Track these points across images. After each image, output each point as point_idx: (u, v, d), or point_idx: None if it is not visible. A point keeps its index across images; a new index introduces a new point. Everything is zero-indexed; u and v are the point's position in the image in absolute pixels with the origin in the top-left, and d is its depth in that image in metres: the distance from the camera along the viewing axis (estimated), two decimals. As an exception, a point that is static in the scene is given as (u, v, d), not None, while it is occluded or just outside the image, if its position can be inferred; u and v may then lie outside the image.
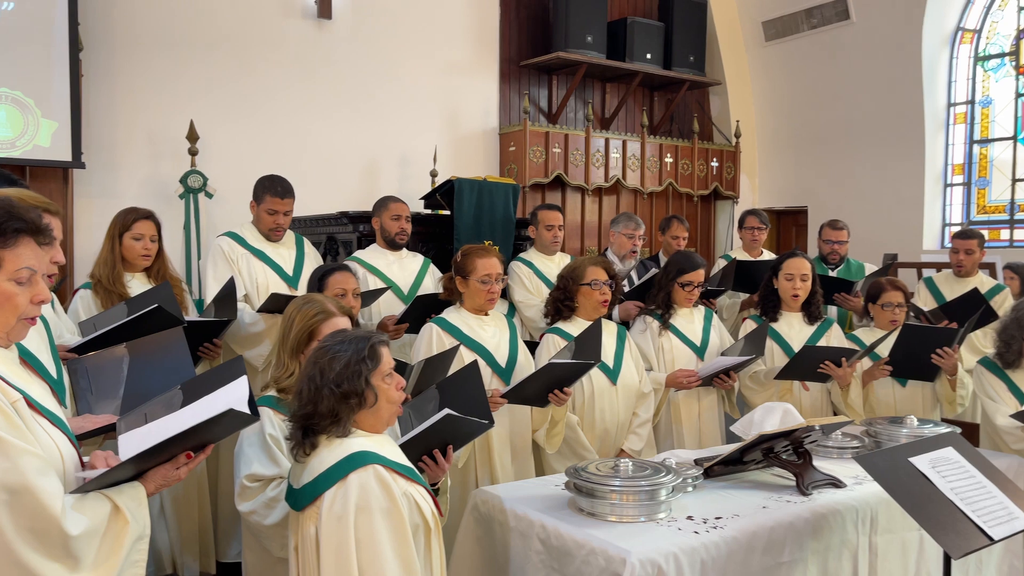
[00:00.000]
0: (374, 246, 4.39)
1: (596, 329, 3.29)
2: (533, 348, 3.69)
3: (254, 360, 3.70)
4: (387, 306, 4.10)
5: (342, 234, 5.04)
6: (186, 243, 5.59)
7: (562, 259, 4.72)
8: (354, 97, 6.51)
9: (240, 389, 1.82)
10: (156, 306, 2.89)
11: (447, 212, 5.33)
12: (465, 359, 3.21)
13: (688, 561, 2.18)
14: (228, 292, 3.53)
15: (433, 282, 4.30)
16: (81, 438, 2.14)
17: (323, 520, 1.89)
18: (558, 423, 3.34)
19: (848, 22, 7.71)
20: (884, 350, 3.77)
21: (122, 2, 5.63)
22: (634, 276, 4.72)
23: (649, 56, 7.70)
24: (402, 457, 2.04)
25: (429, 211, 5.55)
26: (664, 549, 2.16)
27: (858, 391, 3.77)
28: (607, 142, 7.53)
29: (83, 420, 2.30)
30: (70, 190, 5.43)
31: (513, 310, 4.56)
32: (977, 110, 7.45)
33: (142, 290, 3.46)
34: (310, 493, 1.94)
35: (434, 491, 2.34)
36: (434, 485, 2.34)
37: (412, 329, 3.81)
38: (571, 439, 3.44)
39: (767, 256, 5.47)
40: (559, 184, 7.34)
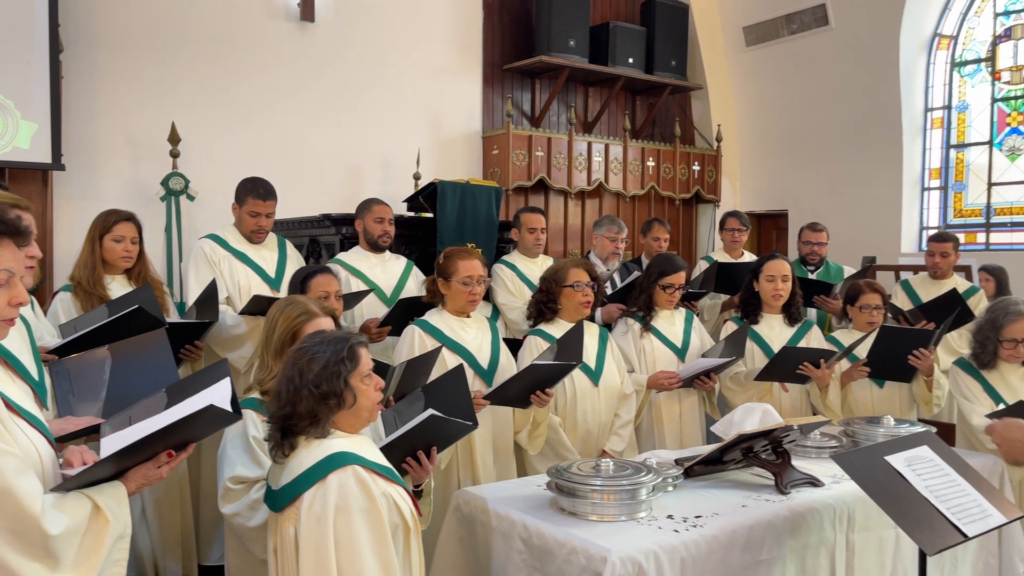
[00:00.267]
0: (357, 248, 4.39)
1: (578, 331, 3.32)
2: (515, 346, 3.71)
3: (236, 362, 3.69)
4: (370, 308, 4.11)
5: (325, 236, 5.04)
6: (167, 246, 5.56)
7: (545, 262, 4.74)
8: (337, 100, 6.50)
9: (223, 390, 1.83)
10: (137, 307, 2.88)
11: (430, 215, 5.34)
12: (447, 361, 3.23)
13: (668, 559, 2.20)
14: (210, 294, 3.53)
15: (416, 284, 4.31)
16: (62, 440, 2.12)
17: (302, 521, 1.89)
18: (540, 424, 3.36)
19: (827, 28, 7.80)
20: (862, 352, 3.82)
21: (103, 3, 5.59)
22: (616, 279, 4.74)
23: (631, 60, 7.75)
24: (381, 457, 2.05)
25: (412, 214, 5.55)
26: (644, 548, 2.18)
27: (836, 392, 3.81)
28: (590, 146, 7.56)
29: (64, 422, 2.29)
30: (49, 192, 5.39)
31: (497, 313, 4.57)
32: (954, 115, 7.56)
33: (122, 292, 3.45)
34: (289, 494, 1.94)
35: (418, 492, 2.35)
36: (418, 486, 2.35)
37: (395, 332, 3.82)
38: (553, 440, 3.46)
39: (748, 258, 5.52)
40: (542, 187, 7.37)
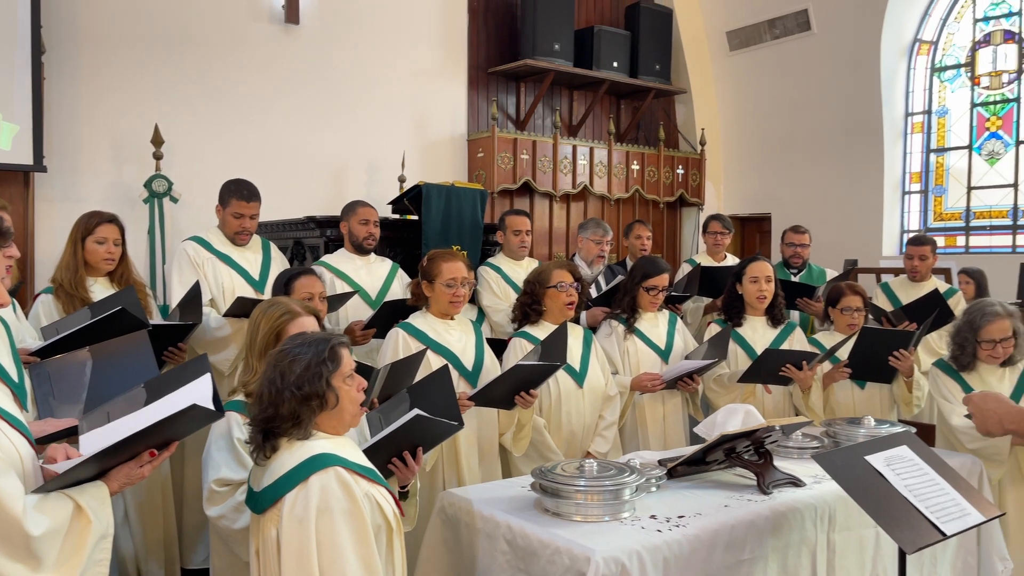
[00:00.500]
0: (342, 251, 4.39)
1: (562, 332, 3.33)
2: (499, 345, 3.72)
3: (220, 364, 3.68)
4: (355, 311, 4.10)
5: (309, 239, 5.03)
6: (151, 248, 5.53)
7: (530, 264, 4.75)
8: (322, 102, 6.50)
9: (204, 386, 1.82)
10: (120, 308, 2.87)
11: (415, 217, 5.35)
12: (432, 363, 3.23)
13: (651, 559, 2.21)
14: (193, 296, 3.51)
15: (401, 287, 4.31)
16: (42, 442, 2.11)
17: (284, 522, 1.88)
18: (525, 426, 3.37)
19: (809, 33, 7.88)
20: (844, 353, 3.86)
21: (86, 5, 5.57)
22: (601, 282, 4.77)
23: (616, 64, 7.79)
24: (363, 459, 2.04)
25: (397, 216, 5.55)
26: (628, 547, 2.19)
27: (819, 394, 3.84)
28: (574, 149, 7.59)
29: (44, 424, 2.28)
30: (31, 194, 5.35)
31: (482, 316, 4.58)
32: (934, 120, 7.65)
33: (104, 295, 3.43)
34: (271, 496, 1.93)
35: (404, 494, 2.35)
36: (404, 487, 2.35)
37: (380, 334, 3.81)
38: (538, 442, 3.47)
39: (731, 261, 5.56)
40: (527, 190, 7.39)
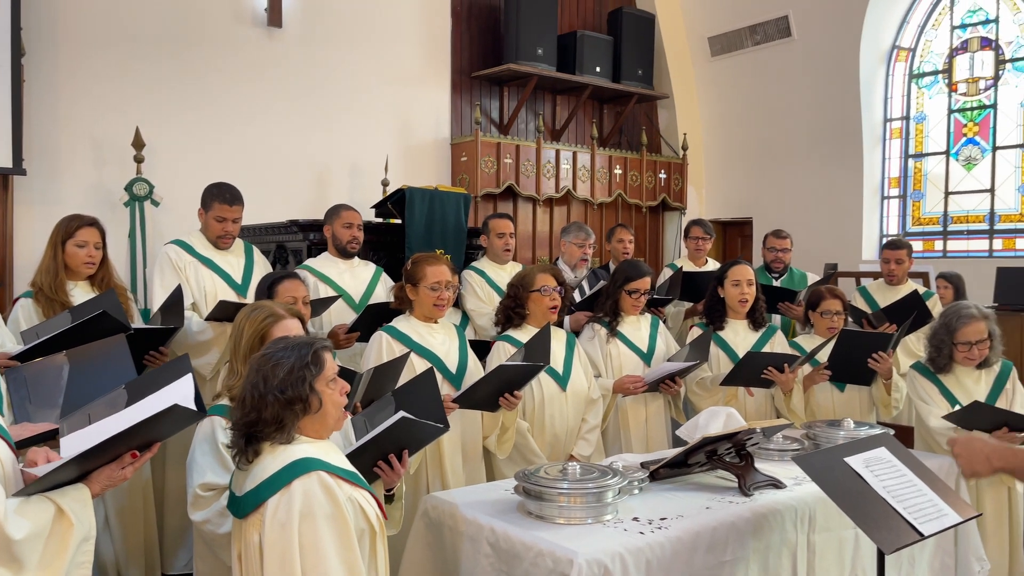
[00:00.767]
0: (325, 254, 4.38)
1: (545, 334, 3.35)
2: (483, 347, 3.73)
3: (202, 369, 3.67)
4: (338, 315, 4.09)
5: (292, 242, 5.01)
6: (131, 252, 5.50)
7: (514, 268, 4.77)
8: (305, 106, 6.49)
9: (186, 387, 1.81)
10: (101, 311, 2.85)
11: (398, 221, 5.35)
12: (415, 366, 3.23)
13: (634, 561, 2.23)
14: (175, 300, 3.50)
15: (385, 291, 4.31)
16: (20, 446, 2.10)
17: (266, 527, 1.88)
18: (509, 428, 3.38)
19: (790, 39, 7.95)
20: (824, 356, 3.89)
21: (66, 7, 5.53)
22: (585, 286, 4.79)
23: (598, 69, 7.83)
24: (346, 463, 2.04)
25: (380, 220, 5.55)
26: (611, 550, 2.21)
27: (800, 396, 3.88)
28: (558, 153, 7.62)
29: (21, 428, 2.26)
30: (10, 197, 5.30)
31: (466, 320, 4.59)
32: (912, 126, 7.74)
33: (85, 299, 3.41)
34: (253, 500, 1.93)
35: (389, 497, 2.36)
36: (389, 490, 2.35)
37: (363, 338, 3.81)
38: (521, 445, 3.48)
39: (712, 265, 5.60)
40: (510, 194, 7.41)
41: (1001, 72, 7.13)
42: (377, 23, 6.87)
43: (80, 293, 3.50)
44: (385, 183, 6.48)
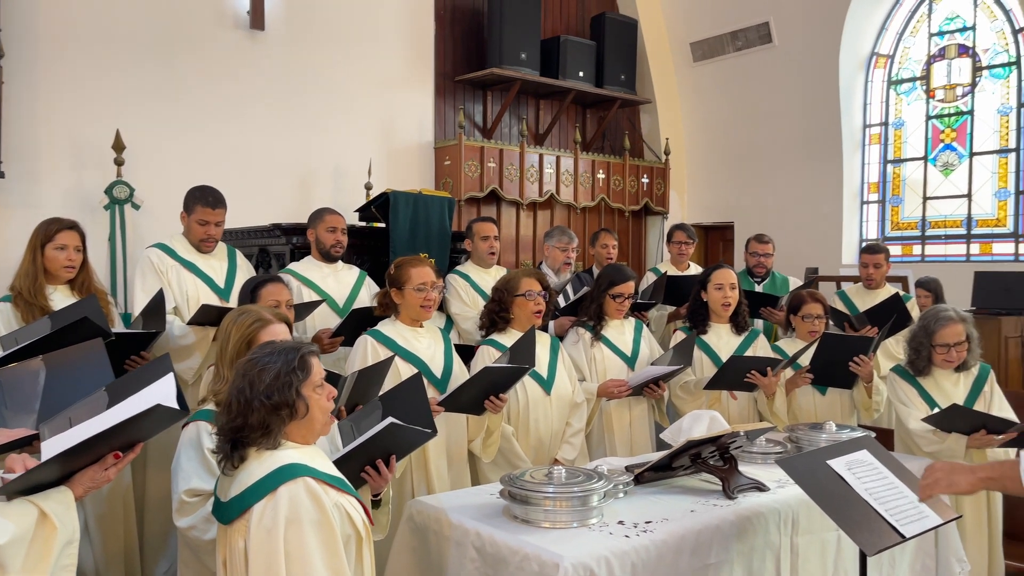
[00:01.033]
0: (309, 258, 4.36)
1: (530, 337, 3.36)
2: (467, 351, 3.73)
3: (184, 374, 3.64)
4: (322, 319, 4.08)
5: (275, 246, 4.99)
6: (111, 255, 5.45)
7: (498, 272, 4.76)
8: (287, 108, 6.45)
9: (167, 386, 1.79)
10: (83, 317, 2.82)
11: (382, 225, 5.33)
12: (400, 370, 3.23)
13: (619, 564, 2.24)
14: (156, 304, 3.47)
15: (369, 295, 4.30)
16: (-1, 452, 2.08)
17: (252, 533, 1.86)
18: (494, 432, 3.38)
19: (770, 45, 8.02)
20: (806, 360, 3.93)
21: (46, 8, 5.47)
22: (569, 291, 4.80)
23: (581, 74, 7.86)
24: (332, 468, 2.03)
25: (364, 224, 5.54)
26: (596, 553, 2.22)
27: (782, 399, 3.91)
28: (541, 158, 7.64)
29: (-3, 433, 2.23)
30: (-12, 200, 5.23)
31: (451, 324, 4.59)
32: (890, 131, 7.83)
33: (65, 303, 3.37)
34: (238, 506, 1.91)
35: (376, 502, 2.35)
36: (376, 496, 2.34)
37: (347, 342, 3.80)
38: (506, 449, 3.49)
39: (694, 270, 5.63)
40: (494, 198, 7.41)
41: (978, 79, 7.23)
42: (360, 26, 6.86)
43: (60, 297, 3.46)
44: (368, 187, 6.46)
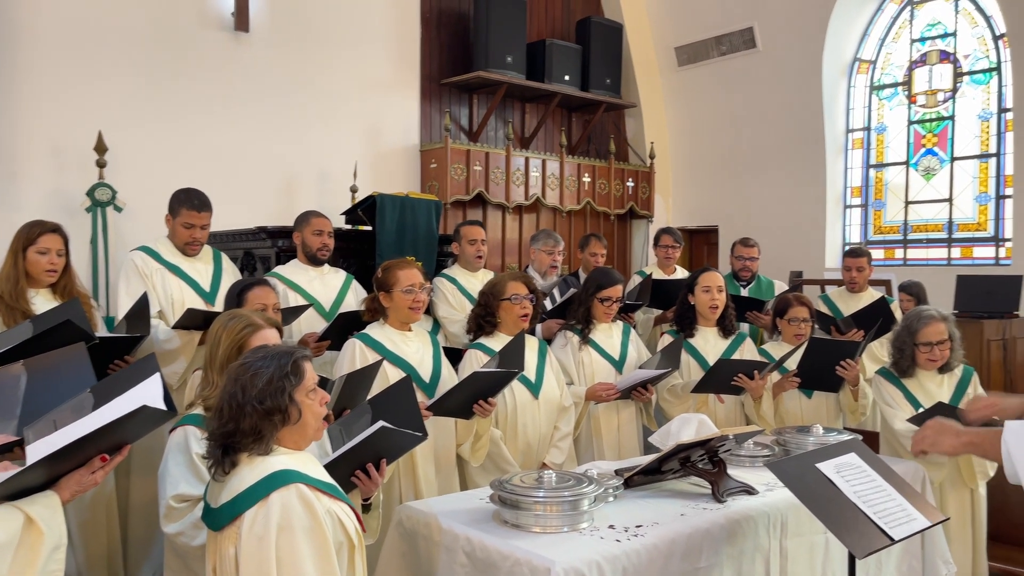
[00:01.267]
0: (295, 262, 4.33)
1: (519, 341, 3.35)
2: (454, 354, 3.72)
3: (169, 378, 3.59)
4: (308, 323, 4.05)
5: (260, 249, 4.95)
6: (93, 258, 5.38)
7: (485, 275, 4.75)
8: (272, 111, 6.41)
9: (154, 387, 1.77)
10: (66, 321, 2.79)
11: (369, 228, 5.31)
12: (389, 375, 3.21)
13: (611, 569, 2.24)
14: (141, 308, 3.43)
15: (355, 298, 4.28)
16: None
17: (243, 540, 1.84)
18: (482, 436, 3.37)
19: (754, 50, 8.08)
20: (792, 363, 3.95)
21: (27, 7, 5.40)
22: (556, 294, 4.80)
23: (567, 78, 7.87)
24: (324, 475, 2.01)
25: (350, 227, 5.51)
26: (587, 558, 2.21)
27: (769, 403, 3.92)
28: (527, 161, 7.64)
29: (-23, 441, 2.20)
30: (-34, 202, 5.16)
31: (437, 327, 4.57)
32: (873, 136, 7.90)
33: (47, 307, 3.33)
34: (229, 513, 1.89)
35: (366, 506, 2.33)
36: (366, 500, 2.32)
37: (334, 346, 3.78)
38: (494, 453, 3.48)
39: (680, 274, 5.65)
40: (480, 201, 7.40)
41: (959, 85, 7.31)
42: (346, 29, 6.83)
43: (41, 301, 3.42)
44: (354, 189, 6.44)
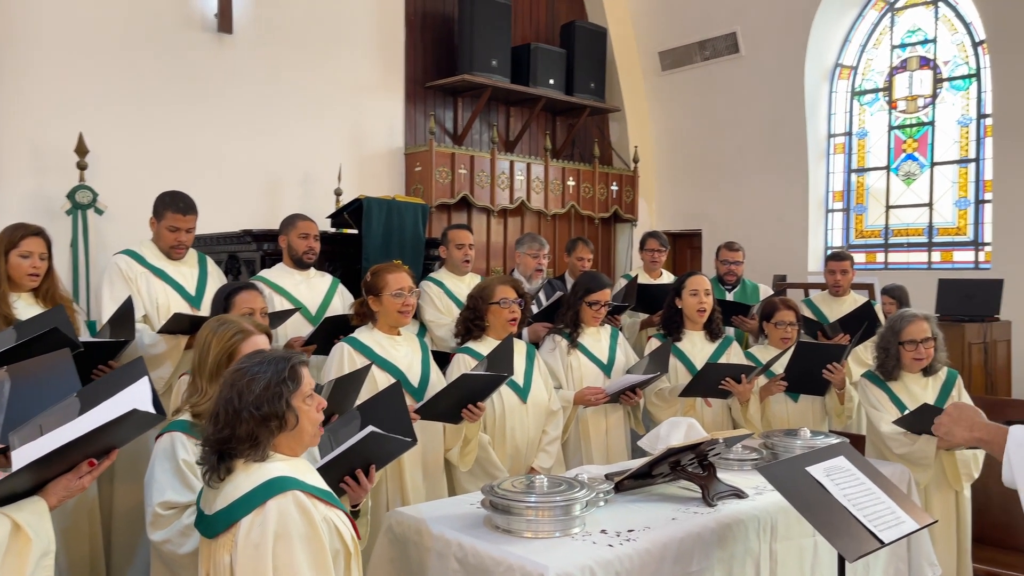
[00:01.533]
0: (280, 265, 4.30)
1: (508, 345, 3.34)
2: (442, 357, 3.70)
3: (155, 383, 3.53)
4: (294, 327, 4.02)
5: (244, 253, 4.91)
6: (73, 262, 5.32)
7: (472, 279, 4.75)
8: (256, 113, 6.37)
9: (143, 390, 1.74)
10: (53, 328, 2.75)
11: (354, 231, 5.28)
12: (377, 379, 3.19)
13: (604, 573, 2.23)
14: (125, 312, 3.39)
15: (342, 302, 4.25)
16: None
17: (239, 548, 1.82)
18: (471, 441, 3.35)
19: (737, 55, 8.13)
20: (779, 367, 3.97)
21: (5, 8, 5.33)
22: (542, 298, 4.80)
23: (552, 82, 7.88)
24: (321, 482, 2.00)
25: (335, 230, 5.48)
26: (580, 563, 2.21)
27: (757, 406, 3.94)
28: (512, 164, 7.64)
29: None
30: (-56, 204, 5.08)
31: (424, 331, 4.55)
32: (854, 141, 7.98)
33: (29, 311, 3.28)
34: (224, 520, 1.86)
35: (355, 512, 2.31)
36: (355, 506, 2.30)
37: (320, 351, 3.75)
38: (483, 458, 3.46)
39: (666, 278, 5.67)
40: (465, 205, 7.39)
41: (939, 90, 7.40)
42: (330, 31, 6.80)
43: (23, 306, 3.37)
44: (338, 192, 6.40)
